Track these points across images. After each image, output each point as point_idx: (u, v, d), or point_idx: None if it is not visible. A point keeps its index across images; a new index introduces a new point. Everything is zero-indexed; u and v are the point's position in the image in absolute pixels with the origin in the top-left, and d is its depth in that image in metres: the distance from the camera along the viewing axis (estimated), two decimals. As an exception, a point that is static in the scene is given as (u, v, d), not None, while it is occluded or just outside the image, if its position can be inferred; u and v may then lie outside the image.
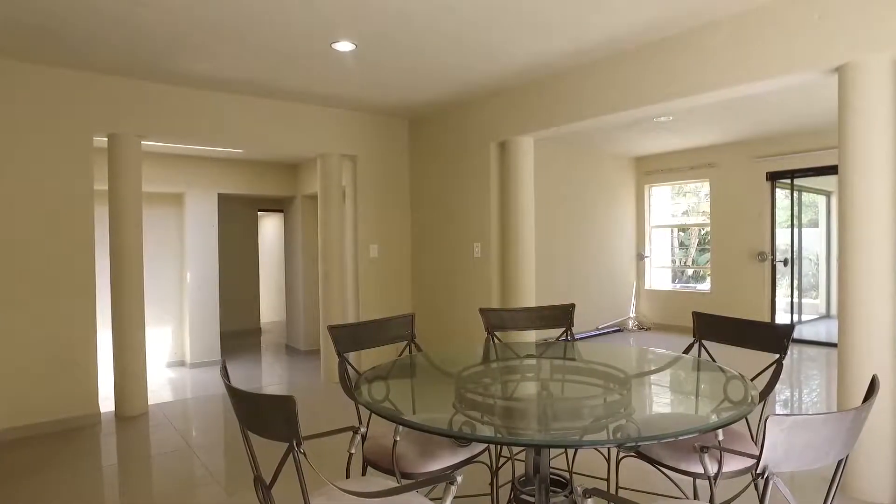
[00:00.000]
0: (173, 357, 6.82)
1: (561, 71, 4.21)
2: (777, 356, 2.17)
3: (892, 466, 2.69)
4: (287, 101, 4.98)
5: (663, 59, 3.57)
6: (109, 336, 4.43)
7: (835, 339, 6.31)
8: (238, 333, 8.65)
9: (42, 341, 3.94)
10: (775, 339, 2.21)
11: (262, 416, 1.47)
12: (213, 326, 6.77)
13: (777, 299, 7.15)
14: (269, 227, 10.15)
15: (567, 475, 2.60)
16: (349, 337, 2.45)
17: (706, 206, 8.01)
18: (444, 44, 3.63)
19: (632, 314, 8.32)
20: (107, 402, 4.40)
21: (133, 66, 3.96)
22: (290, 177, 7.44)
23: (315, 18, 3.20)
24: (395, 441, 1.96)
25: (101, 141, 4.33)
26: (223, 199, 7.64)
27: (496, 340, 2.83)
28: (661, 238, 8.64)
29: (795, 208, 7.19)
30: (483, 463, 2.27)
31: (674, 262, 8.94)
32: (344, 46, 3.64)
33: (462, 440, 1.99)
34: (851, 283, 2.76)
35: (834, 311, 8.45)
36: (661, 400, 2.06)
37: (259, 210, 8.86)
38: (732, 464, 1.90)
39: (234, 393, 1.49)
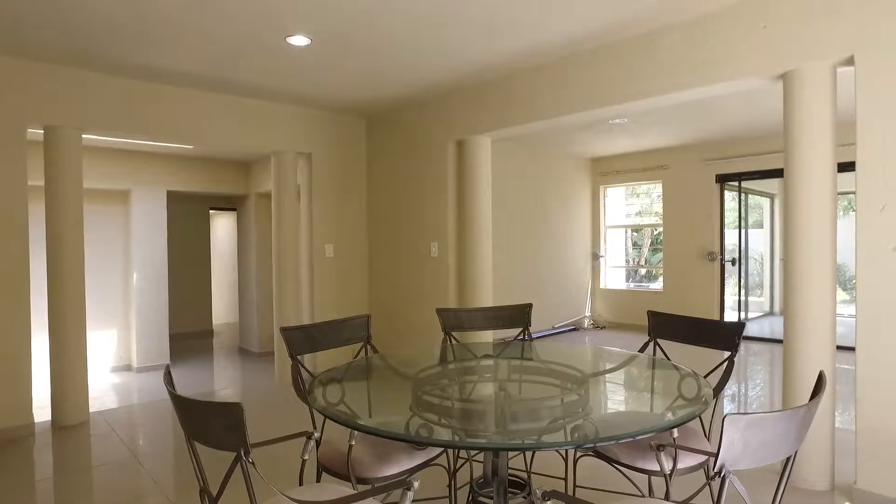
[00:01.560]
0: (118, 361, 6.52)
1: (518, 71, 4.23)
2: (728, 353, 2.22)
3: (830, 456, 2.82)
4: (240, 95, 4.82)
5: (618, 62, 3.62)
6: (46, 340, 4.18)
7: (778, 336, 6.54)
8: (189, 336, 8.34)
9: (-30, 347, 3.68)
10: (727, 337, 2.26)
11: (207, 424, 1.39)
12: (161, 329, 6.51)
13: (725, 297, 7.40)
14: (222, 226, 9.85)
15: (525, 476, 2.60)
16: (303, 339, 2.38)
17: (659, 207, 8.23)
18: (402, 41, 3.58)
19: (587, 313, 8.46)
20: (42, 410, 4.14)
21: (72, 53, 3.74)
22: (244, 174, 7.23)
23: (268, 10, 3.09)
24: (351, 446, 1.90)
25: (37, 133, 4.07)
26: (173, 197, 7.35)
27: (453, 341, 2.81)
28: (615, 238, 8.83)
29: (742, 210, 7.46)
30: (441, 466, 2.24)
31: (628, 261, 9.15)
32: (299, 41, 3.54)
33: (419, 444, 1.95)
34: (796, 282, 2.86)
35: (777, 308, 8.83)
36: (617, 399, 2.07)
37: (211, 208, 8.58)
38: (687, 460, 1.93)
39: (177, 400, 1.41)
